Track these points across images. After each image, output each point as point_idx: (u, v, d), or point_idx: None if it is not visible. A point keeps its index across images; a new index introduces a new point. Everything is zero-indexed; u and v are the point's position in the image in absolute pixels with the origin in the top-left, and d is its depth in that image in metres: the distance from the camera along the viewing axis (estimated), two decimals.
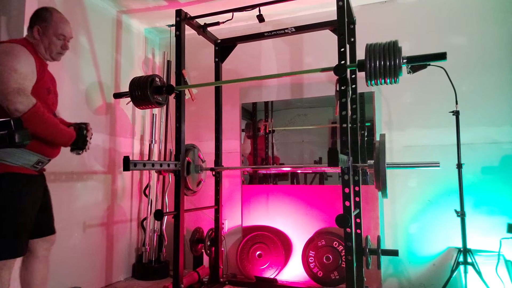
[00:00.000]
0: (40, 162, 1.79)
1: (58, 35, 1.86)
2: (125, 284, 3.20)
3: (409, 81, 2.60)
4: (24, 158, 1.72)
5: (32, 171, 1.78)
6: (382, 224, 2.94)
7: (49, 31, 1.83)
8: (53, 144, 1.81)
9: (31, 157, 1.74)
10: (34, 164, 1.76)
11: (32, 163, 1.75)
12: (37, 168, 1.80)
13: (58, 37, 1.86)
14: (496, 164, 2.73)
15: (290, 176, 3.37)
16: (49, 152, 1.83)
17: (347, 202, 1.86)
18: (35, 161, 1.76)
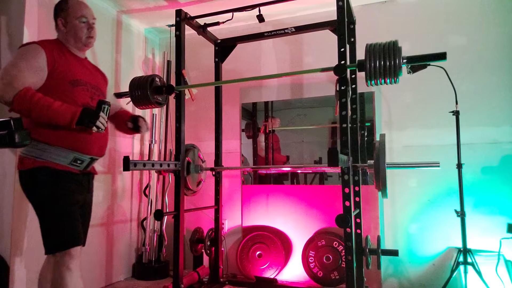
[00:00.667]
0: (78, 160, 1.73)
1: (79, 17, 1.83)
2: (125, 284, 3.20)
3: (409, 81, 2.60)
4: (57, 155, 1.68)
5: (71, 169, 1.72)
6: (382, 224, 2.94)
7: (70, 17, 1.82)
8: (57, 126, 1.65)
9: (65, 154, 1.69)
10: (71, 161, 1.71)
11: (68, 161, 1.71)
12: (77, 166, 1.74)
13: (80, 20, 1.82)
14: (496, 164, 2.73)
15: (290, 176, 3.37)
16: (86, 148, 1.76)
17: (347, 202, 1.86)
18: (71, 158, 1.71)
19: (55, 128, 1.65)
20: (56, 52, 1.75)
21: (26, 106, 1.56)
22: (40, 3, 2.53)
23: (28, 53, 1.67)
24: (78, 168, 1.75)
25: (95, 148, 1.81)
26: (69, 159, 1.70)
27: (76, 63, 1.83)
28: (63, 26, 1.82)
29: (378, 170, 1.94)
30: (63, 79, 1.72)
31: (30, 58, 1.65)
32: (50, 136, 1.67)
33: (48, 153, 1.66)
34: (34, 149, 1.66)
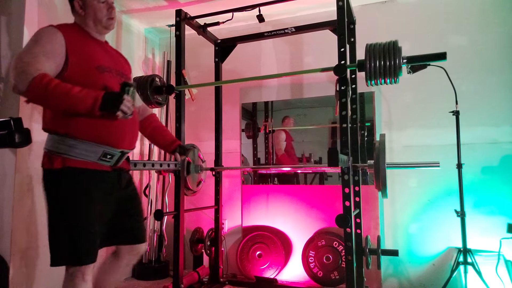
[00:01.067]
0: (108, 154, 1.54)
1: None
2: (125, 284, 3.20)
3: (409, 81, 2.60)
4: (86, 150, 1.50)
5: (101, 166, 1.54)
6: (382, 224, 2.94)
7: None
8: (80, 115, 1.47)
9: (94, 149, 1.51)
10: (100, 157, 1.53)
11: (97, 156, 1.52)
12: (107, 162, 1.56)
13: (98, 0, 1.64)
14: (496, 164, 2.73)
15: (290, 176, 3.37)
16: (115, 140, 1.57)
17: (347, 202, 1.86)
18: (101, 153, 1.52)
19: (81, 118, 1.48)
20: (75, 35, 1.58)
21: (42, 94, 1.38)
22: (40, 3, 2.53)
23: (43, 37, 1.48)
24: (108, 163, 1.57)
25: (126, 140, 1.61)
26: (98, 154, 1.52)
27: (98, 47, 1.66)
28: (81, 8, 1.63)
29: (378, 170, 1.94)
30: (89, 65, 1.54)
31: (45, 43, 1.47)
32: (77, 129, 1.49)
33: (77, 149, 1.49)
34: (62, 144, 1.48)
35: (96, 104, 1.41)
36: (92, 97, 1.41)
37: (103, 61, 1.61)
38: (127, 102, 1.44)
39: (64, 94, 1.39)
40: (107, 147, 1.54)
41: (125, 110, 1.43)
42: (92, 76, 1.53)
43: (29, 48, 1.47)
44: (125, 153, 1.63)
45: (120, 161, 1.62)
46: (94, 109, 1.41)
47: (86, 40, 1.62)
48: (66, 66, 1.49)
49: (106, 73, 1.59)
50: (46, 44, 1.47)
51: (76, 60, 1.50)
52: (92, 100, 1.41)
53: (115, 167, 1.61)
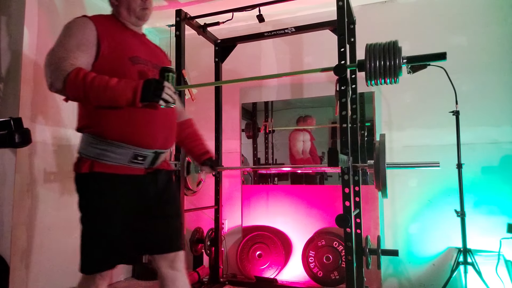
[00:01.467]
0: (139, 156, 1.41)
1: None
2: (125, 284, 3.20)
3: (409, 81, 2.60)
4: (115, 153, 1.38)
5: (132, 170, 1.42)
6: (382, 224, 2.94)
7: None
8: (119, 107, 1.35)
9: (123, 151, 1.38)
10: (131, 159, 1.40)
11: (127, 159, 1.39)
12: (139, 164, 1.43)
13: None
14: (496, 164, 2.73)
15: (290, 176, 3.37)
16: (147, 139, 1.43)
17: (347, 202, 1.86)
18: (131, 155, 1.39)
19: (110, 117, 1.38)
20: (109, 25, 1.50)
21: (81, 89, 1.29)
22: (40, 3, 2.53)
23: (75, 28, 1.40)
24: (141, 166, 1.44)
25: (159, 139, 1.46)
26: (128, 156, 1.39)
27: (133, 38, 1.54)
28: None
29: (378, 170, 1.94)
30: (122, 56, 1.43)
31: (77, 34, 1.37)
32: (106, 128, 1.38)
33: (106, 151, 1.38)
34: (90, 146, 1.39)
35: (136, 94, 1.29)
36: (131, 87, 1.29)
37: (138, 52, 1.49)
38: (168, 90, 1.31)
39: (102, 87, 1.29)
40: (138, 148, 1.40)
41: (167, 98, 1.31)
42: (124, 67, 1.42)
43: (61, 42, 1.37)
44: (160, 154, 1.48)
45: (155, 162, 1.48)
46: (135, 100, 1.29)
47: (120, 31, 1.52)
48: (97, 56, 1.39)
49: (140, 65, 1.47)
50: (78, 35, 1.37)
51: (108, 50, 1.40)
52: (132, 91, 1.29)
53: (149, 169, 1.48)
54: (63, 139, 2.70)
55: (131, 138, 1.39)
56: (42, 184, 2.52)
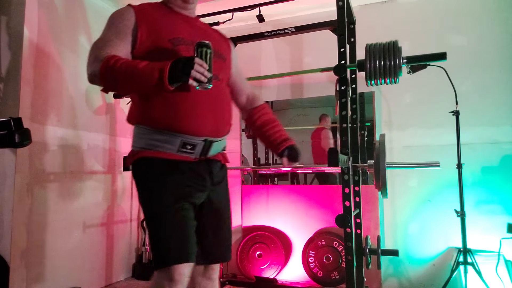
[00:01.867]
0: (187, 144, 1.31)
1: None
2: (125, 284, 3.20)
3: (409, 81, 2.60)
4: (162, 142, 1.30)
5: (182, 157, 1.32)
6: (382, 224, 2.94)
7: None
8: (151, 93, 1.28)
9: (170, 139, 1.30)
10: (179, 148, 1.30)
11: (176, 148, 1.30)
12: (189, 153, 1.32)
13: None
14: (496, 164, 2.73)
15: (290, 176, 3.37)
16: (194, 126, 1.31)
17: (347, 202, 1.86)
18: (179, 143, 1.30)
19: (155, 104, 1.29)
20: (151, 11, 1.41)
21: (110, 75, 1.22)
22: (40, 3, 2.53)
23: (114, 17, 1.38)
24: (191, 155, 1.33)
25: (207, 125, 1.34)
26: (176, 145, 1.30)
27: (180, 21, 1.42)
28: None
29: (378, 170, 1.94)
30: (161, 38, 1.33)
31: (116, 22, 1.34)
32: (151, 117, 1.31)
33: (154, 140, 1.31)
34: (141, 138, 1.34)
35: (163, 75, 1.15)
36: (158, 68, 1.17)
37: (182, 33, 1.37)
38: (199, 66, 1.15)
39: (130, 71, 1.20)
40: (185, 136, 1.30)
41: (198, 76, 1.15)
42: (164, 49, 1.31)
43: (102, 34, 1.36)
44: (211, 142, 1.36)
45: (207, 152, 1.36)
46: (163, 82, 1.15)
47: (165, 15, 1.42)
48: (136, 42, 1.32)
49: (181, 46, 1.34)
50: (117, 24, 1.34)
51: (146, 35, 1.32)
52: (158, 72, 1.16)
53: (202, 158, 1.36)
54: (63, 139, 2.70)
55: (176, 125, 1.29)
56: (42, 184, 2.52)
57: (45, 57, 2.58)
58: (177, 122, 1.29)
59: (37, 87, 2.48)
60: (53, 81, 2.64)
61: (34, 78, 2.46)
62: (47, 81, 2.59)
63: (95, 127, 3.02)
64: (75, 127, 2.82)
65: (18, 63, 2.37)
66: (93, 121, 3.01)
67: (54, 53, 2.66)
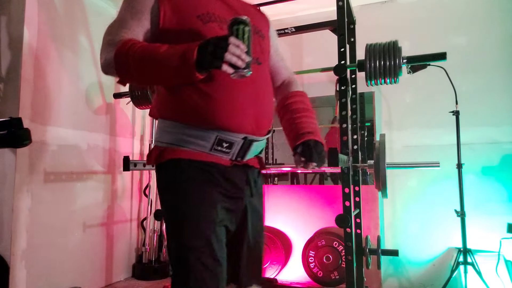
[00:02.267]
0: (223, 141, 1.08)
1: None
2: (125, 284, 3.20)
3: (409, 81, 2.60)
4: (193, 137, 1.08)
5: (215, 159, 1.09)
6: (382, 224, 2.94)
7: None
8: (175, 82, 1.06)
9: (203, 135, 1.07)
10: (213, 146, 1.08)
11: (209, 145, 1.08)
12: (224, 152, 1.09)
13: None
14: (496, 164, 2.73)
15: (290, 176, 3.36)
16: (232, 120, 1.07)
17: (347, 202, 1.86)
18: (213, 140, 1.07)
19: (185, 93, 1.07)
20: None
21: (125, 62, 1.02)
22: (40, 3, 2.53)
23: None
24: (226, 155, 1.10)
25: (248, 120, 1.10)
26: (210, 142, 1.07)
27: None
28: None
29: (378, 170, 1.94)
30: (187, 14, 1.11)
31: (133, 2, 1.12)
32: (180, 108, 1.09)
33: (184, 135, 1.09)
34: (164, 132, 1.12)
35: (190, 60, 0.93)
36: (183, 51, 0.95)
37: (213, 8, 1.14)
38: (234, 48, 0.91)
39: (149, 57, 1.00)
40: (222, 132, 1.07)
41: (234, 61, 0.91)
42: (191, 28, 1.09)
43: (119, 13, 1.15)
44: (251, 142, 1.12)
45: (245, 153, 1.13)
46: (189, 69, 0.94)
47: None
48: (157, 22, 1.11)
49: (212, 23, 1.11)
50: (134, 3, 1.12)
51: (171, 12, 1.10)
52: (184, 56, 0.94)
53: (237, 162, 1.13)
54: (63, 139, 2.70)
55: (211, 118, 1.06)
56: (42, 184, 2.52)
57: (45, 57, 2.58)
58: (212, 115, 1.06)
59: (37, 87, 2.48)
60: (53, 81, 2.64)
61: (34, 78, 2.46)
62: (47, 81, 2.59)
63: (95, 127, 3.02)
64: (75, 127, 2.82)
65: (18, 63, 2.37)
66: (93, 121, 3.01)
67: (54, 53, 2.66)
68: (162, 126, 1.14)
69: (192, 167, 1.08)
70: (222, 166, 1.11)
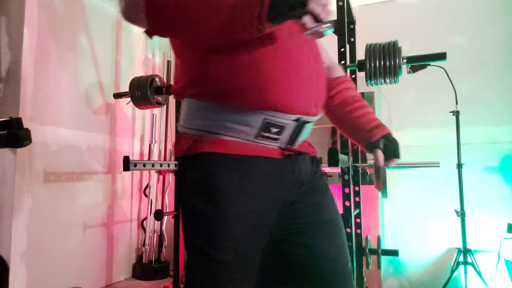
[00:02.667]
0: (272, 126, 0.84)
1: None
2: (125, 284, 3.20)
3: (409, 81, 2.60)
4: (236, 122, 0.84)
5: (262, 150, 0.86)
6: (382, 224, 2.94)
7: None
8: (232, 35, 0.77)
9: (246, 118, 0.83)
10: (259, 132, 0.84)
11: (254, 132, 0.84)
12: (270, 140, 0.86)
13: None
14: (496, 164, 2.73)
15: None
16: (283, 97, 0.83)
17: (347, 202, 1.86)
18: (260, 124, 0.83)
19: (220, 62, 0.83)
20: None
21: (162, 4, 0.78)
22: (40, 3, 2.53)
23: None
24: (274, 143, 0.87)
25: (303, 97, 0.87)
26: (255, 127, 0.83)
27: None
28: None
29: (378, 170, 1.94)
30: None
31: None
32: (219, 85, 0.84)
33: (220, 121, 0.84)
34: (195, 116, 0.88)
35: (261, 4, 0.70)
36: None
37: None
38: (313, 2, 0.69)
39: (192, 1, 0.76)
40: (271, 113, 0.83)
41: (317, 11, 0.70)
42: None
43: None
44: (304, 124, 0.89)
45: (295, 139, 0.90)
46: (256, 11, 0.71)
47: None
48: None
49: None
50: None
51: None
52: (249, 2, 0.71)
53: (288, 150, 0.89)
54: (63, 139, 2.70)
55: (258, 96, 0.82)
56: (42, 184, 2.52)
57: (45, 57, 2.58)
58: (260, 92, 0.81)
59: (37, 87, 2.48)
60: (53, 81, 2.64)
61: (34, 78, 2.46)
62: (47, 81, 2.59)
63: (95, 127, 3.02)
64: (75, 127, 2.82)
65: (18, 63, 2.37)
66: (93, 121, 3.01)
67: (54, 53, 2.66)
68: (190, 108, 0.89)
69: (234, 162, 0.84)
70: (271, 160, 0.87)
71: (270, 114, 0.83)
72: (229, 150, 0.84)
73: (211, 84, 0.85)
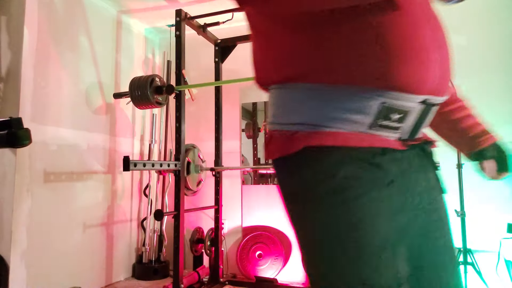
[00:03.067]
0: (392, 111, 0.66)
1: None
2: (125, 284, 3.20)
3: None
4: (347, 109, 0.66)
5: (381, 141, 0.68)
6: None
7: None
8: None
9: (362, 103, 0.65)
10: (375, 119, 0.66)
11: (369, 120, 0.66)
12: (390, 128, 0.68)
13: None
14: None
15: None
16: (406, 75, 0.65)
17: None
18: (376, 110, 0.65)
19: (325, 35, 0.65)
20: None
21: None
22: (40, 3, 2.53)
23: None
24: (394, 133, 0.69)
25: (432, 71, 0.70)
26: (370, 114, 0.65)
27: None
28: None
29: None
30: None
31: None
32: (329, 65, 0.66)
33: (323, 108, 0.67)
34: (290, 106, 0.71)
35: None
36: None
37: None
38: None
39: None
40: (392, 94, 0.65)
41: None
42: None
43: None
44: (431, 107, 0.73)
45: (419, 127, 0.75)
46: None
47: None
48: None
49: None
50: None
51: None
52: None
53: (411, 141, 0.75)
54: (63, 139, 2.70)
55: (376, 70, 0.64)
56: (42, 184, 2.52)
57: (45, 57, 2.58)
58: (378, 66, 0.64)
59: (37, 87, 2.48)
60: (53, 81, 2.64)
61: (34, 78, 2.46)
62: (47, 81, 2.59)
63: (95, 127, 3.02)
64: (75, 127, 2.82)
65: (18, 63, 2.38)
66: (93, 121, 3.01)
67: (54, 53, 2.66)
68: (285, 98, 0.71)
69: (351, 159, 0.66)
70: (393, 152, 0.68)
71: (390, 95, 0.65)
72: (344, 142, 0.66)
73: (313, 60, 0.66)
